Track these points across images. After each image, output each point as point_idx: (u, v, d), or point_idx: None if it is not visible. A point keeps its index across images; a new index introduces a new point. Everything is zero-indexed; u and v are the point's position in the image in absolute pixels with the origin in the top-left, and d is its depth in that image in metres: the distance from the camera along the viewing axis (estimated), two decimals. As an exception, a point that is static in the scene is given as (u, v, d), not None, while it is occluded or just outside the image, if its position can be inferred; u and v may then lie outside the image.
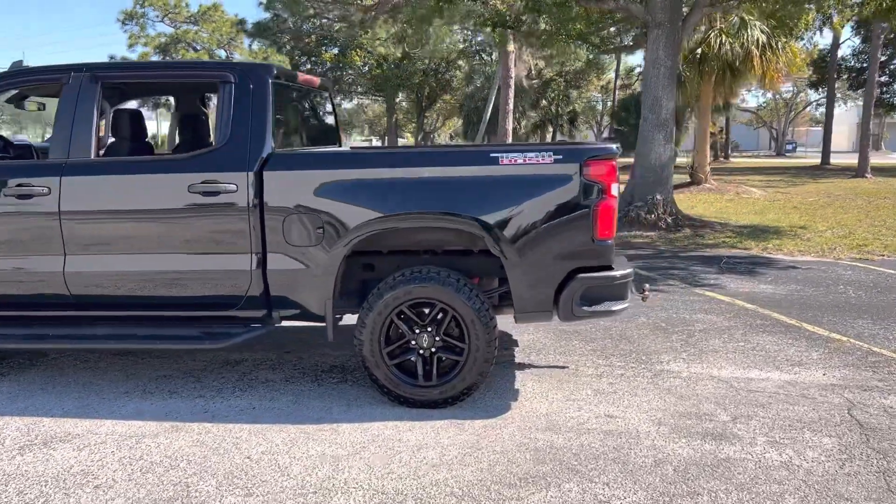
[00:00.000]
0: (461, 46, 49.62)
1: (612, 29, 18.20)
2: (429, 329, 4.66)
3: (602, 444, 4.19)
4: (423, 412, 4.64)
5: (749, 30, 19.90)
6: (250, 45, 44.62)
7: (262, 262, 4.65)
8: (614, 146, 4.62)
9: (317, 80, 5.76)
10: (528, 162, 4.50)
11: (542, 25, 16.15)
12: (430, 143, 55.04)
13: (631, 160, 14.98)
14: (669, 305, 7.50)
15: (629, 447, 4.15)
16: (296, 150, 5.29)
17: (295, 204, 4.58)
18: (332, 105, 6.23)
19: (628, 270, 4.72)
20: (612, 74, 47.89)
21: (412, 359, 4.70)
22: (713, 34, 20.36)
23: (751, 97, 65.79)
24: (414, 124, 67.89)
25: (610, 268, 4.63)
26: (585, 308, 4.59)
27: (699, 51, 20.88)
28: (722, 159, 48.46)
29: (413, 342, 4.69)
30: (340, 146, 6.36)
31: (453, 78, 49.75)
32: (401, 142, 59.39)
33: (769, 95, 64.00)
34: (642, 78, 15.66)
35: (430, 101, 54.53)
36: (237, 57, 45.57)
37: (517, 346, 6.10)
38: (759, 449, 4.12)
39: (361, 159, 4.75)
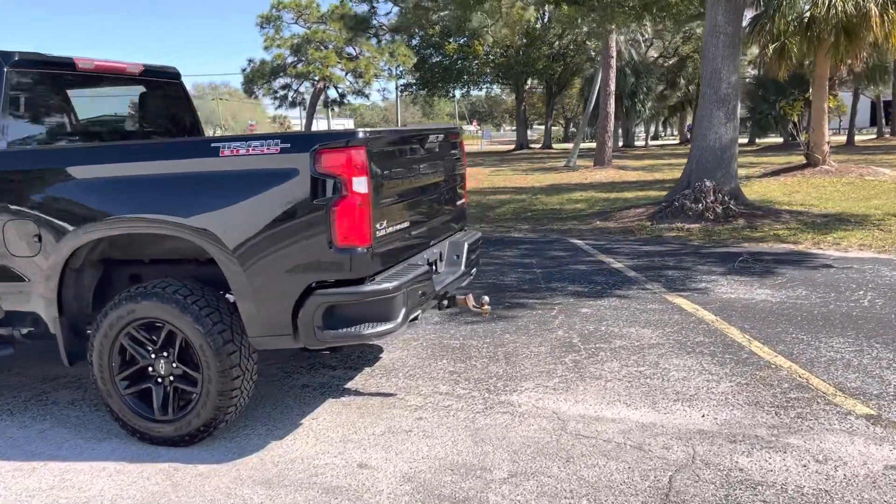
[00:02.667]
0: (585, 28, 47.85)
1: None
2: (165, 354, 3.98)
3: (300, 505, 3.34)
4: (151, 451, 3.98)
5: (866, -15, 17.14)
6: (378, 41, 45.17)
7: (-10, 275, 4.17)
8: (360, 131, 3.69)
9: (127, 67, 5.16)
10: (251, 153, 3.69)
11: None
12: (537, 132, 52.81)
13: (772, 146, 13.18)
14: (612, 315, 6.30)
15: (326, 513, 3.27)
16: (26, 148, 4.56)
17: (9, 207, 4.06)
18: (182, 95, 5.66)
19: (396, 283, 3.78)
20: (756, 48, 44.04)
21: (151, 387, 4.04)
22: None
23: None
24: (556, 111, 66.41)
25: (360, 281, 3.72)
26: (331, 332, 3.71)
27: (807, 14, 18.33)
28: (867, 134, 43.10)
29: (151, 368, 4.03)
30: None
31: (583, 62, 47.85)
32: (528, 132, 58.12)
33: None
34: (701, 48, 13.86)
35: (560, 87, 52.89)
36: (367, 53, 46.51)
37: (370, 364, 5.26)
38: (485, 527, 3.10)
39: (63, 155, 4.14)
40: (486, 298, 4.75)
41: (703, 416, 4.18)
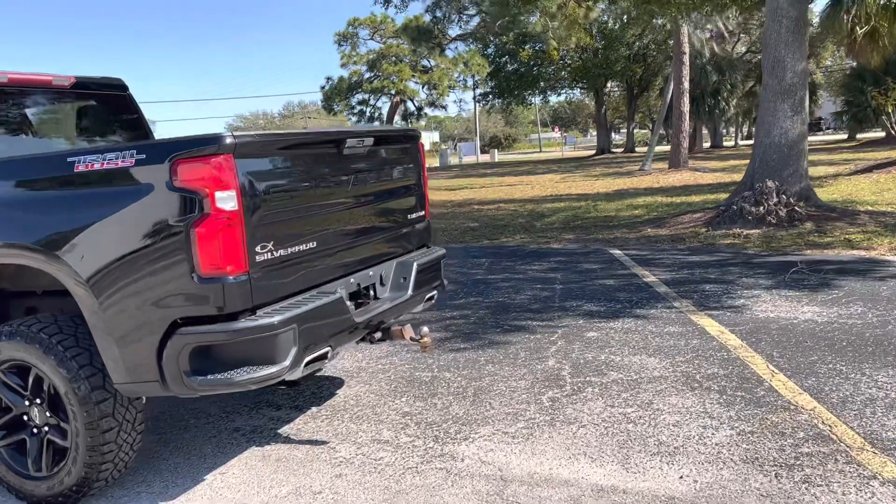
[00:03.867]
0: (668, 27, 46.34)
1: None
2: (38, 401, 3.46)
3: None
4: (19, 513, 3.45)
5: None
6: (442, 51, 44.80)
7: None
8: (228, 134, 3.06)
9: (53, 80, 4.72)
10: (106, 166, 3.13)
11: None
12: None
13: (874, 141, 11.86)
14: (620, 341, 5.43)
15: None
16: None
17: None
18: (129, 108, 5.20)
19: (281, 318, 3.12)
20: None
21: (27, 438, 3.54)
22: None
23: None
24: (641, 113, 64.30)
25: (234, 317, 3.08)
26: (198, 379, 3.08)
27: (898, -9, 16.54)
28: None
29: (27, 417, 3.52)
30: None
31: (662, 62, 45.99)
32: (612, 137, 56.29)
33: None
34: (762, 34, 12.60)
35: (641, 88, 51.02)
36: (441, 66, 46.26)
37: (320, 403, 4.61)
38: None
39: None
40: (426, 329, 4.03)
41: (682, 477, 3.32)
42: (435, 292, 4.54)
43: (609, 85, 51.66)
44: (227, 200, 3.02)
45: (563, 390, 4.52)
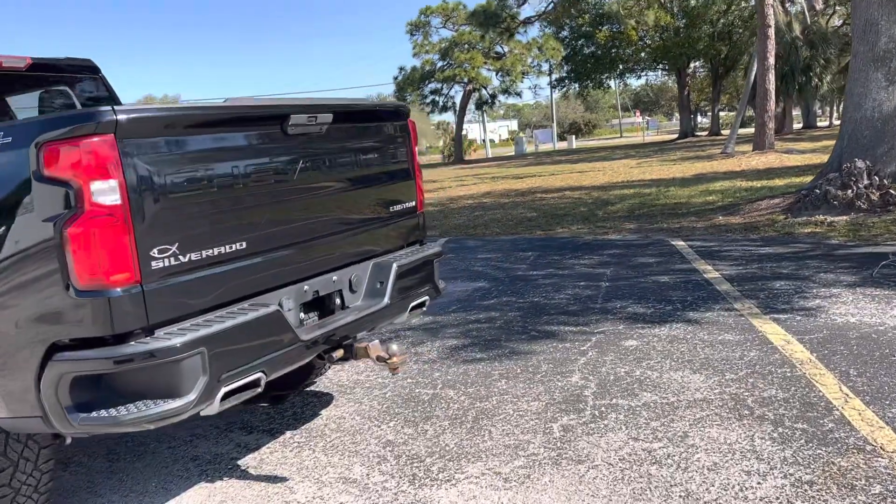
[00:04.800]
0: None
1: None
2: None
3: None
4: None
5: None
6: (511, 36, 43.72)
7: None
8: (106, 109, 2.42)
9: (3, 62, 4.22)
10: (-27, 153, 2.55)
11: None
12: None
13: None
14: (662, 351, 4.58)
15: None
16: None
17: None
18: (101, 91, 4.68)
19: (186, 339, 2.48)
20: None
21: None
22: None
23: None
24: (728, 94, 61.30)
25: (123, 339, 2.46)
26: (83, 416, 2.48)
27: None
28: None
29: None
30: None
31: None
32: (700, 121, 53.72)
33: None
34: (853, -4, 11.21)
35: (727, 68, 48.46)
36: (515, 51, 45.17)
37: (298, 426, 3.98)
38: None
39: None
40: (396, 348, 3.31)
41: (707, 550, 2.51)
42: (425, 299, 3.82)
43: (692, 65, 49.36)
44: (107, 193, 2.39)
45: (580, 416, 3.73)
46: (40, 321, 2.48)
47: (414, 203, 3.91)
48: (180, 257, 2.59)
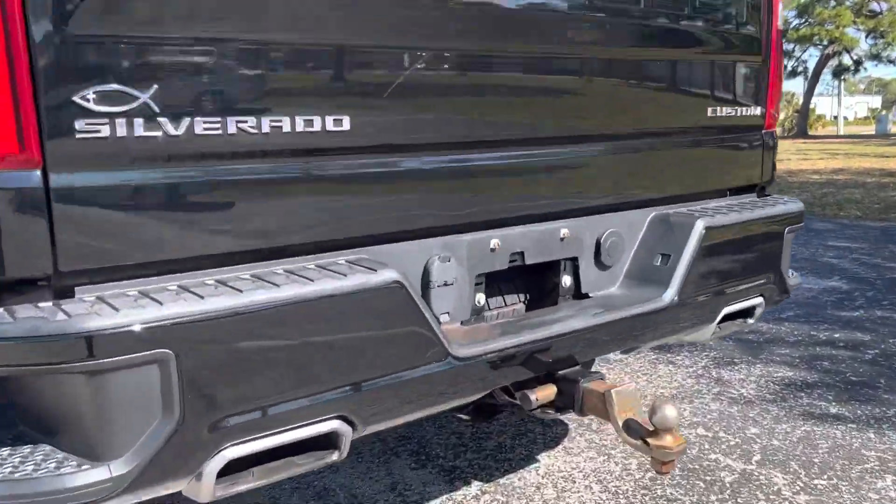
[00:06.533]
0: None
1: None
2: None
3: None
4: None
5: None
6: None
7: None
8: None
9: None
10: None
11: None
12: None
13: None
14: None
15: None
16: None
17: None
18: None
19: (126, 317, 0.97)
20: None
21: None
22: None
23: None
24: None
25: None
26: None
27: None
28: None
29: None
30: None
31: None
32: None
33: None
34: None
35: None
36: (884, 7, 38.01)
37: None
38: None
39: None
40: (672, 414, 1.45)
41: None
42: (757, 302, 1.91)
43: None
44: None
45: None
46: None
47: (759, 111, 1.99)
48: (167, 126, 1.07)
